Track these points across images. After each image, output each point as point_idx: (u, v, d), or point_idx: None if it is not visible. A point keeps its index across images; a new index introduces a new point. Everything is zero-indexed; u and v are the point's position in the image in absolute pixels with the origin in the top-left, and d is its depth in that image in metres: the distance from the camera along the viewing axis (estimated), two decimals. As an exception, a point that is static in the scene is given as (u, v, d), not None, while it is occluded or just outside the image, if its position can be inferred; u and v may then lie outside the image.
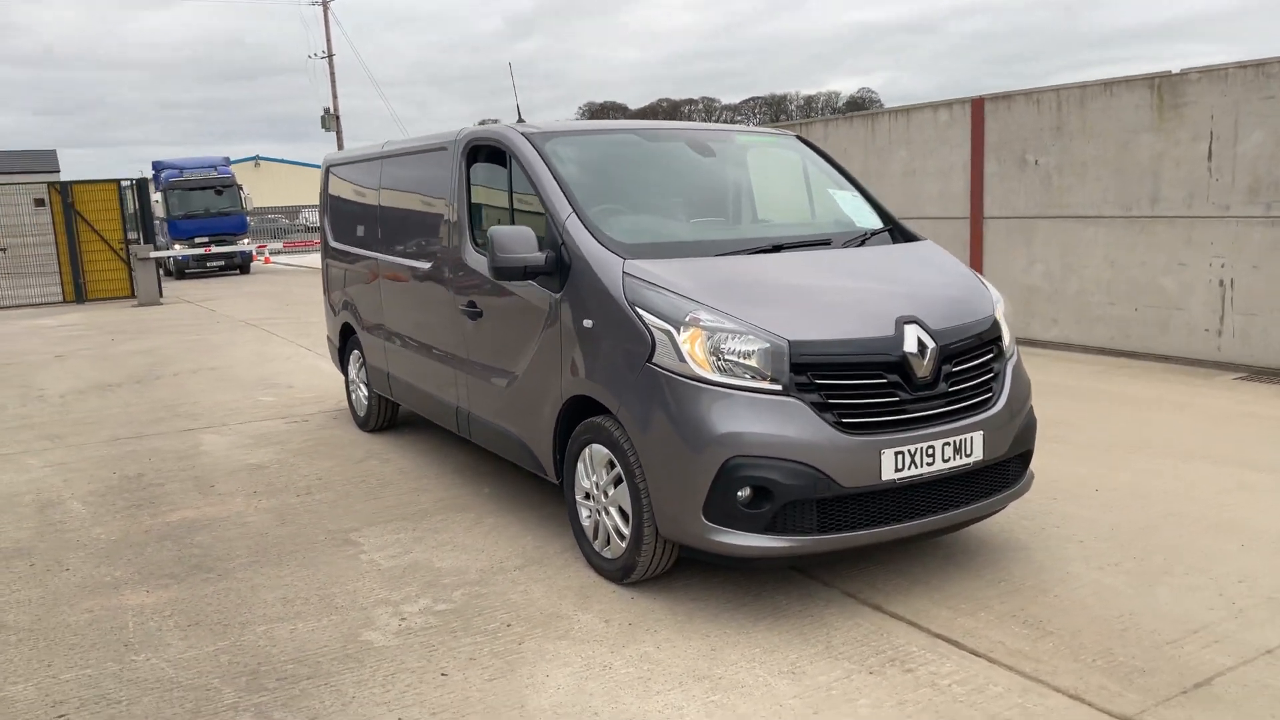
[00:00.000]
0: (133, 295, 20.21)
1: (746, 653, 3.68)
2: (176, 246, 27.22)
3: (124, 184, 21.56)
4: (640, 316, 4.00)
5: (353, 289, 7.29)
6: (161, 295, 20.08)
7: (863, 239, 4.88)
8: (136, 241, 21.04)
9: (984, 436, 4.07)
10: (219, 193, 29.69)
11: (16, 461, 6.97)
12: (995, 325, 4.34)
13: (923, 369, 3.95)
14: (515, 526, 5.17)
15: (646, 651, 3.71)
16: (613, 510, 4.28)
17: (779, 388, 3.79)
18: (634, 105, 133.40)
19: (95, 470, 6.63)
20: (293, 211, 52.45)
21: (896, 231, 5.11)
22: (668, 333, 3.90)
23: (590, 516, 4.46)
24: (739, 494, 3.75)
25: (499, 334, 5.04)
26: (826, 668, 3.54)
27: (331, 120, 46.78)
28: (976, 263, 10.87)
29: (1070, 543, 4.65)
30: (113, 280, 20.86)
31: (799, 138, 5.70)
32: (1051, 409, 7.17)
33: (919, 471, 3.89)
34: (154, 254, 19.63)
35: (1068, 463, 5.92)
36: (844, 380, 3.85)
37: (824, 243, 4.73)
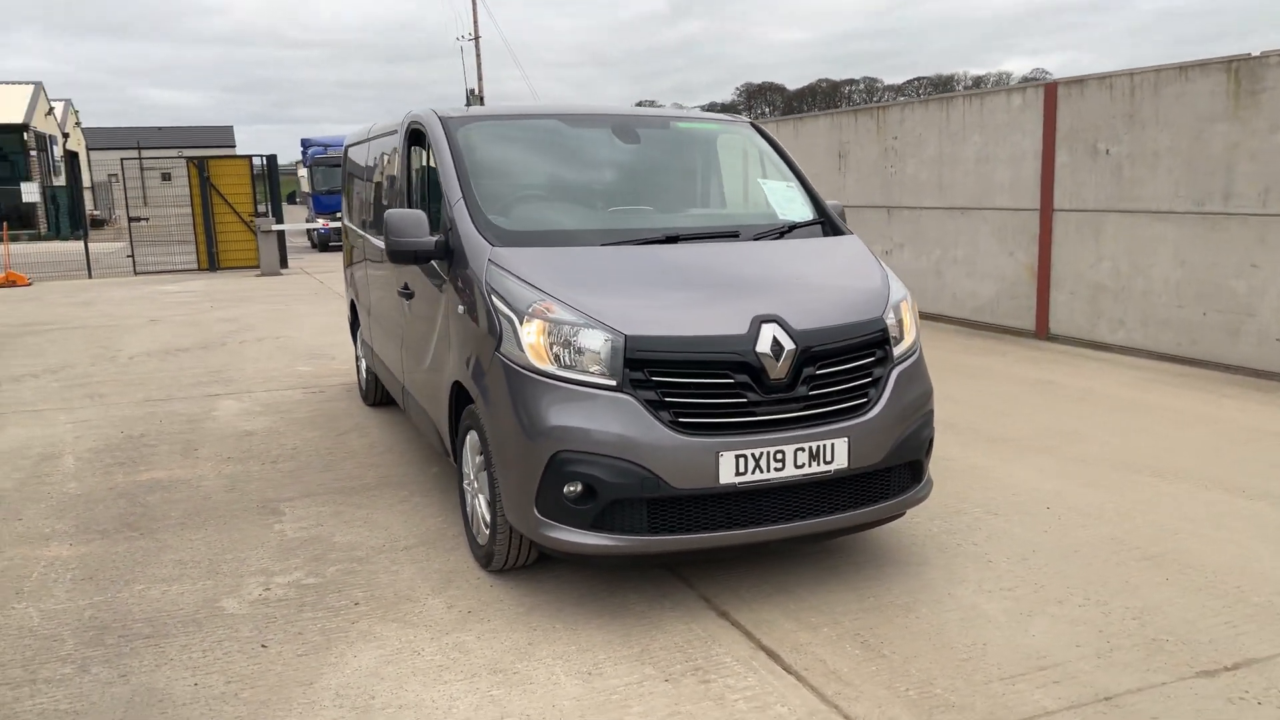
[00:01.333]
0: (258, 265, 21.43)
1: (559, 650, 3.63)
2: (319, 220, 28.67)
3: (255, 160, 22.81)
4: (493, 305, 3.98)
5: (352, 267, 7.54)
6: (284, 266, 21.23)
7: (780, 232, 4.69)
8: (265, 215, 22.26)
9: (850, 444, 3.86)
10: (364, 169, 30.86)
11: (48, 417, 7.55)
12: (881, 328, 4.09)
13: (776, 370, 3.77)
14: (435, 507, 5.24)
15: (464, 641, 3.71)
16: (481, 498, 4.29)
17: (613, 383, 3.70)
18: (792, 86, 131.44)
19: (108, 429, 7.11)
20: None
21: (827, 225, 4.88)
22: (511, 322, 3.87)
23: (470, 502, 4.48)
24: (565, 489, 3.69)
25: (420, 316, 5.11)
26: (626, 671, 3.45)
27: (475, 101, 48.23)
28: (1044, 259, 10.24)
29: (976, 563, 4.36)
30: (243, 251, 22.14)
31: (753, 124, 5.50)
32: (1071, 420, 6.73)
33: (765, 477, 3.73)
34: (275, 227, 20.73)
35: (1042, 476, 5.54)
36: (682, 378, 3.72)
37: (731, 235, 4.57)
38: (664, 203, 4.94)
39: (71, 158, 45.53)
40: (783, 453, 3.75)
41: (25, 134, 38.29)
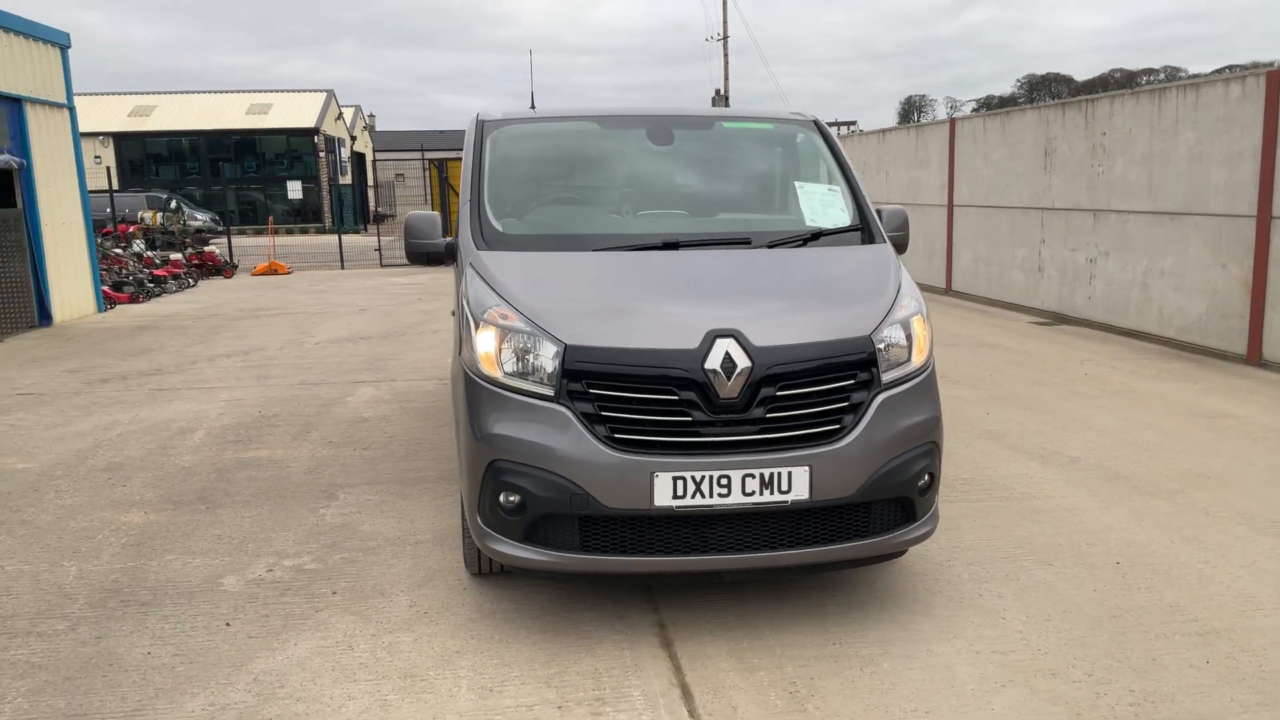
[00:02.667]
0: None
1: (479, 661, 3.58)
2: None
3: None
4: (465, 308, 3.98)
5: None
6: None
7: (803, 240, 4.36)
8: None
9: (812, 473, 3.54)
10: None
11: (213, 395, 8.37)
12: (865, 349, 3.70)
13: (726, 389, 3.52)
14: (471, 504, 5.32)
15: (399, 642, 3.75)
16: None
17: (550, 393, 3.59)
18: (1082, 77, 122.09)
19: (251, 408, 7.79)
20: None
21: (865, 233, 4.50)
22: (469, 327, 3.85)
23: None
24: (501, 499, 3.63)
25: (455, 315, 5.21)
26: (528, 693, 3.35)
27: (721, 101, 48.51)
28: (1260, 272, 8.91)
29: (985, 618, 3.87)
30: (473, 245, 23.54)
31: (815, 123, 5.15)
32: (1222, 461, 5.87)
33: (708, 502, 3.49)
34: (498, 223, 21.87)
35: (1137, 525, 4.87)
36: (621, 392, 3.55)
37: (742, 242, 4.30)
38: (687, 206, 4.73)
39: (358, 159, 50.29)
40: (728, 478, 3.49)
41: (316, 137, 42.66)
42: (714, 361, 3.53)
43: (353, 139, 50.04)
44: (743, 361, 3.54)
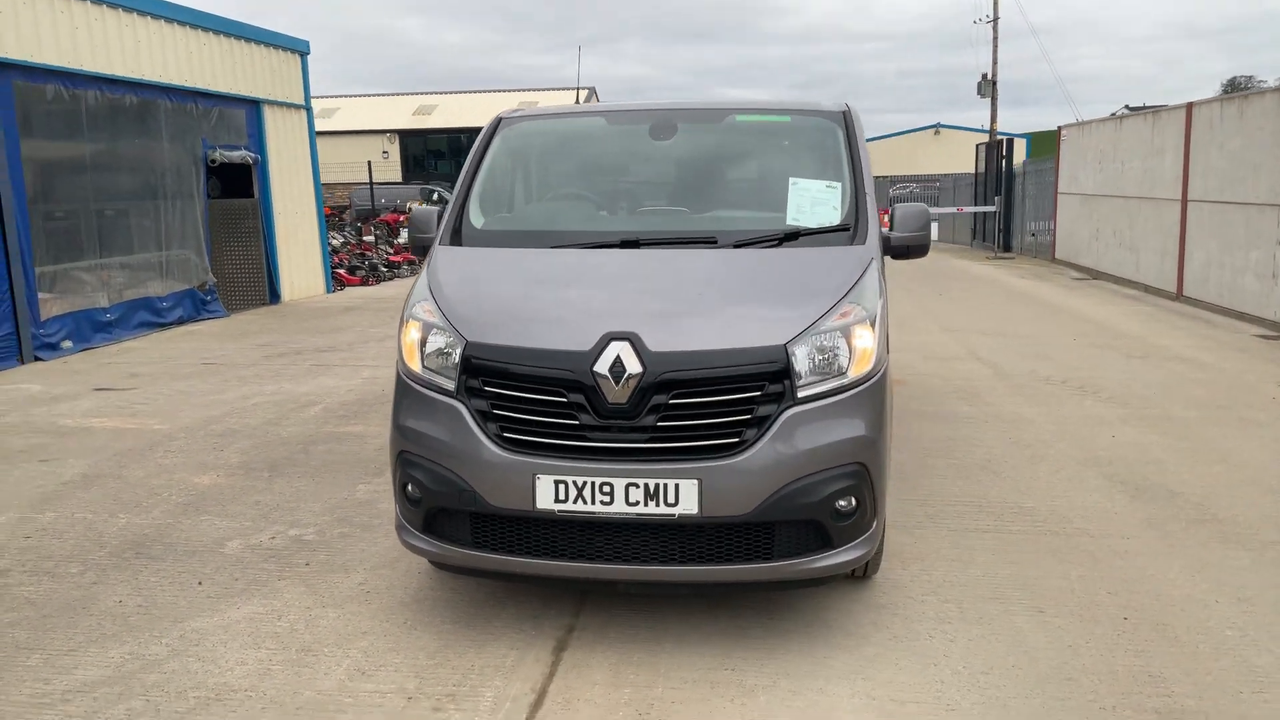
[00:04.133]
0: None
1: (374, 644, 3.70)
2: None
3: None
4: (406, 299, 4.10)
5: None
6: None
7: (778, 239, 4.11)
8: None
9: (702, 487, 3.35)
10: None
11: (356, 371, 9.06)
12: (776, 359, 3.44)
13: (615, 394, 3.40)
14: (492, 491, 5.46)
15: (321, 616, 3.94)
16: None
17: (451, 388, 3.63)
18: None
19: (375, 387, 8.36)
20: (895, 180, 51.71)
21: (852, 235, 4.17)
22: (401, 321, 3.96)
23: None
24: (406, 489, 3.72)
25: None
26: (392, 680, 3.43)
27: (988, 86, 45.69)
28: None
29: (914, 662, 3.51)
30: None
31: (843, 114, 4.79)
32: None
33: (589, 509, 3.41)
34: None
35: (1193, 579, 4.20)
36: (512, 391, 3.53)
37: (708, 241, 4.12)
38: (672, 202, 4.58)
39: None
40: (610, 485, 3.38)
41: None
42: (603, 365, 3.42)
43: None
44: (633, 366, 3.40)
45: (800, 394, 3.45)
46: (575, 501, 3.41)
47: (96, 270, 10.93)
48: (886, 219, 5.08)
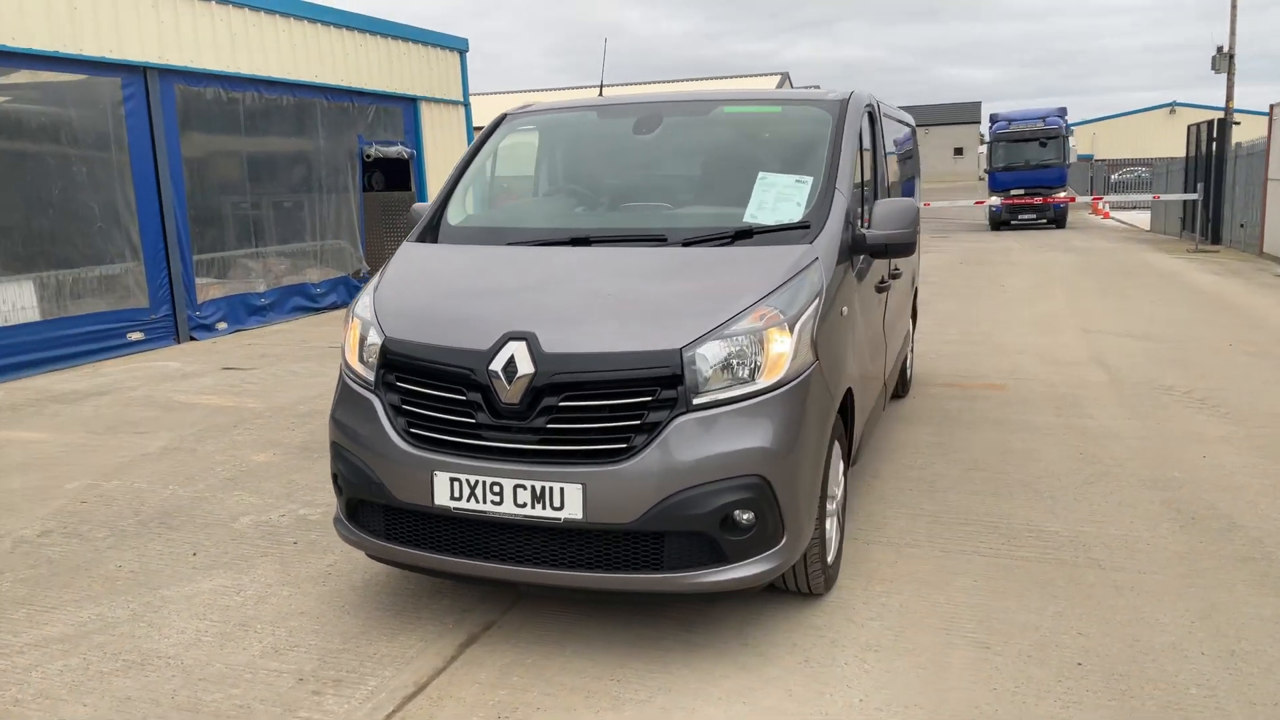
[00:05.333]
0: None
1: (304, 624, 3.87)
2: (993, 198, 28.41)
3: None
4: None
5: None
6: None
7: (730, 238, 3.96)
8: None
9: (586, 492, 3.31)
10: (1042, 144, 29.56)
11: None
12: (668, 364, 3.32)
13: (507, 394, 3.41)
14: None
15: (273, 594, 4.16)
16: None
17: (372, 383, 3.75)
18: None
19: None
20: (1119, 165, 47.67)
21: (808, 229, 3.96)
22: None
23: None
24: (336, 479, 3.87)
25: None
26: (298, 661, 3.58)
27: (1224, 60, 41.51)
28: None
29: (809, 689, 3.32)
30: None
31: (843, 104, 4.53)
32: None
33: (480, 507, 3.43)
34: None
35: (1193, 631, 3.75)
36: (419, 387, 3.59)
37: (658, 239, 4.02)
38: (640, 198, 4.48)
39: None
40: (500, 486, 3.39)
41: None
42: (498, 364, 3.42)
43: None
44: (525, 367, 3.39)
45: (697, 401, 3.32)
46: (468, 500, 3.43)
47: (253, 258, 11.90)
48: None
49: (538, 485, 3.34)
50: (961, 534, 4.64)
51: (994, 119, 31.94)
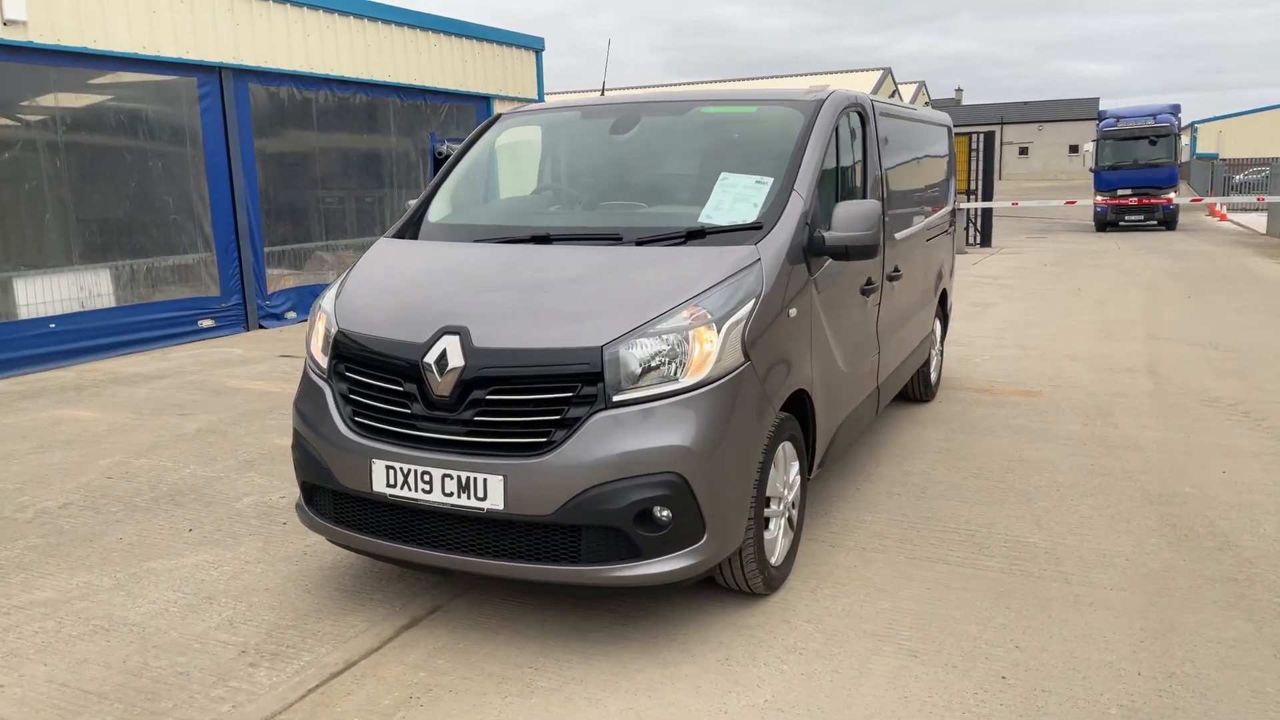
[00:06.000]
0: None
1: (264, 600, 4.06)
2: (1097, 199, 27.42)
3: (973, 136, 22.76)
4: None
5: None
6: (985, 245, 21.20)
7: (683, 237, 3.99)
8: (973, 192, 22.22)
9: (506, 484, 3.41)
10: (1152, 143, 28.38)
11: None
12: (588, 360, 3.39)
13: (439, 386, 3.53)
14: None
15: (247, 571, 4.37)
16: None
17: (325, 373, 3.92)
18: None
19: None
20: (1244, 165, 44.80)
21: (759, 230, 3.97)
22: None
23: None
24: (295, 463, 4.05)
25: None
26: (244, 635, 3.77)
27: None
28: None
29: (716, 685, 3.34)
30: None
31: (819, 104, 4.50)
32: None
33: (413, 495, 3.56)
34: (964, 205, 20.62)
35: (1159, 648, 3.63)
36: (363, 377, 3.75)
37: (613, 238, 4.09)
38: (606, 198, 4.53)
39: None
40: (430, 475, 3.52)
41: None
42: (432, 356, 3.55)
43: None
44: (455, 360, 3.50)
45: (617, 398, 3.38)
46: (402, 487, 3.57)
47: (325, 250, 12.37)
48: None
49: (463, 475, 3.45)
50: (934, 541, 4.56)
51: (1101, 115, 30.74)
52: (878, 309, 5.23)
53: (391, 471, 3.57)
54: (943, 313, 7.50)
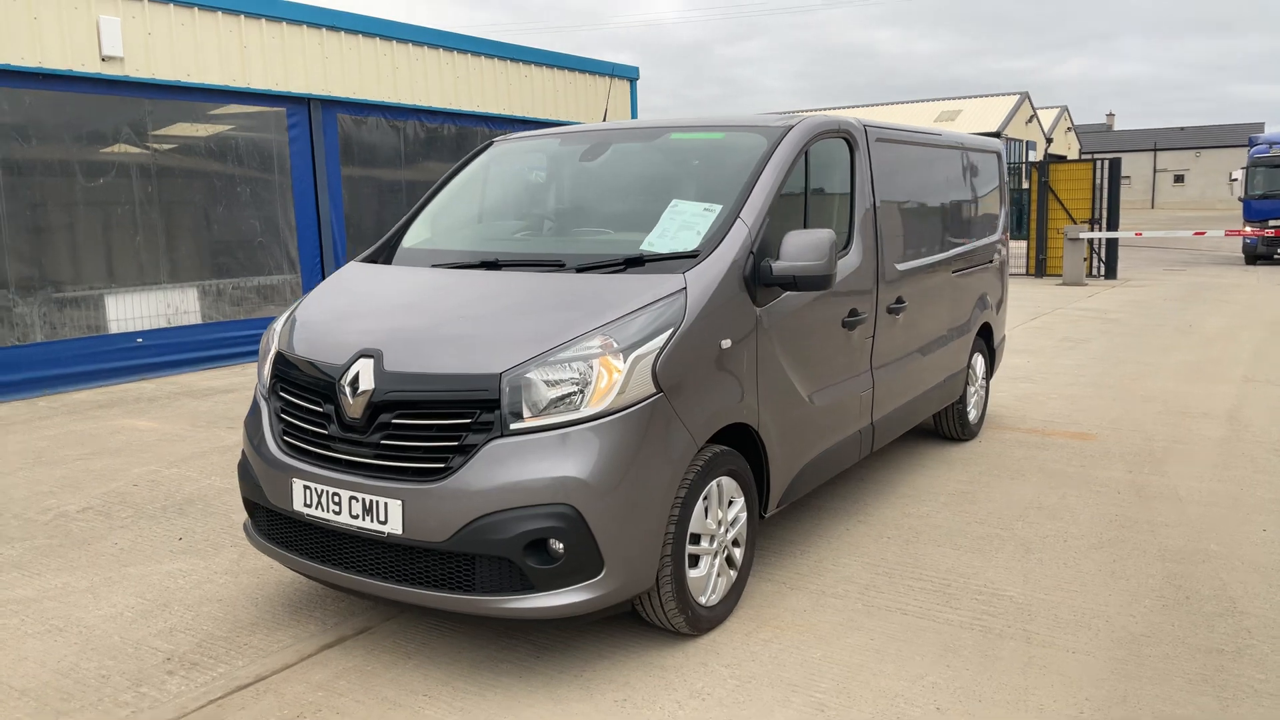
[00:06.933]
0: (1087, 274, 20.45)
1: (215, 611, 4.18)
2: (1247, 229, 25.77)
3: (1098, 163, 21.71)
4: None
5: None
6: (1110, 276, 20.20)
7: (622, 264, 3.94)
8: (1096, 222, 21.16)
9: (405, 509, 3.42)
10: (1307, 171, 26.53)
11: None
12: (487, 388, 3.37)
13: (350, 408, 3.58)
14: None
15: (213, 579, 4.51)
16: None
17: (266, 393, 4.02)
18: None
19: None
20: None
21: (695, 258, 3.88)
22: (279, 329, 4.40)
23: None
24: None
25: None
26: (171, 641, 3.89)
27: None
28: None
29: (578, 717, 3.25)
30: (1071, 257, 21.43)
31: (785, 130, 4.37)
32: None
33: (324, 516, 3.62)
34: (1083, 235, 19.61)
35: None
36: (290, 397, 3.84)
37: (557, 264, 4.06)
38: (569, 223, 4.51)
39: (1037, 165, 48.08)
40: (339, 496, 3.57)
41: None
42: (347, 379, 3.60)
43: (1049, 141, 48.05)
44: (367, 383, 3.54)
45: (514, 426, 3.34)
46: (316, 507, 3.62)
47: (407, 273, 12.76)
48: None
49: (368, 499, 3.47)
50: (902, 589, 4.32)
51: (1252, 141, 28.89)
52: (870, 341, 5.01)
53: (308, 491, 3.63)
54: (987, 347, 7.13)
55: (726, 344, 3.81)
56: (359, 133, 12.01)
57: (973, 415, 6.89)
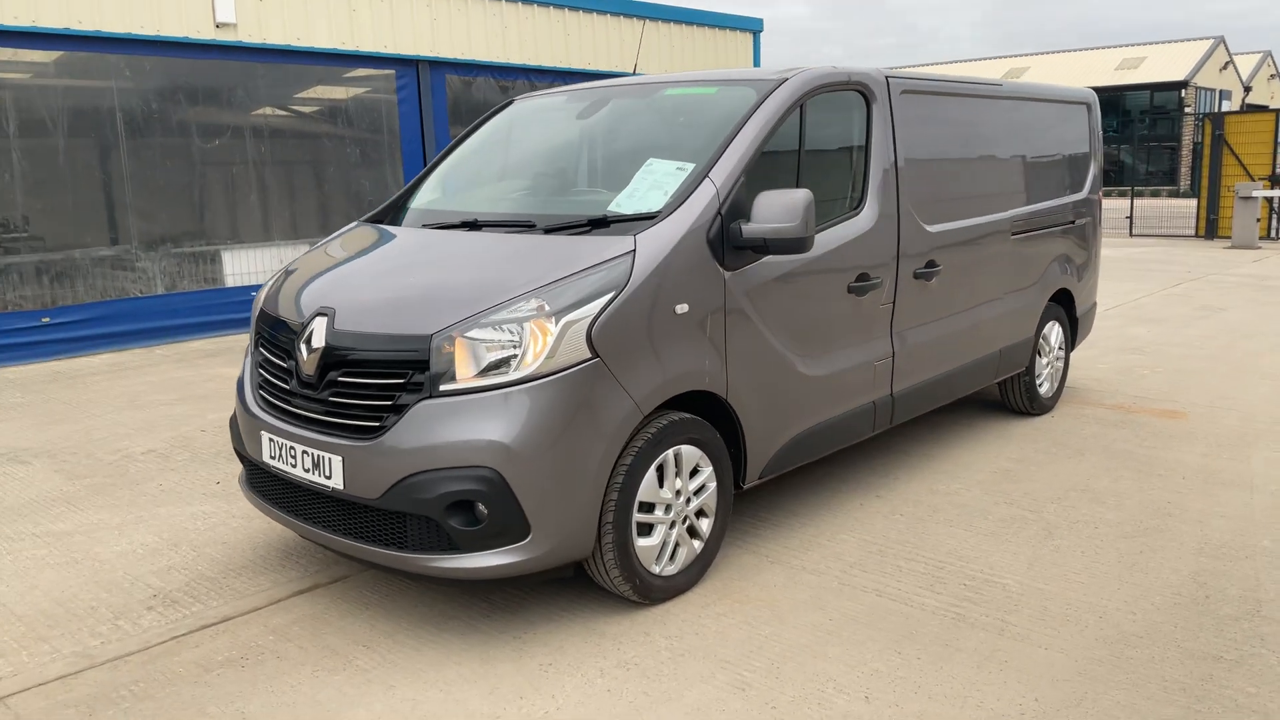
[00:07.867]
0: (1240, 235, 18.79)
1: (209, 554, 4.41)
2: None
3: (1283, 115, 19.71)
4: None
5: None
6: (1274, 239, 18.39)
7: (587, 225, 3.87)
8: (1276, 180, 19.25)
9: (344, 465, 3.51)
10: None
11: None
12: (419, 348, 3.39)
13: (305, 365, 3.69)
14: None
15: (218, 525, 4.76)
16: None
17: (252, 346, 4.19)
18: None
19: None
20: None
21: (655, 218, 3.77)
22: (277, 284, 4.55)
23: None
24: (237, 429, 4.37)
25: None
26: (167, 580, 4.14)
27: None
28: None
29: (504, 689, 3.26)
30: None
31: (779, 82, 4.15)
32: None
33: (285, 468, 3.76)
34: (1257, 193, 17.87)
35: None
36: (264, 352, 3.98)
37: (528, 225, 4.03)
38: (557, 183, 4.43)
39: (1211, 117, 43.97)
40: (294, 450, 3.69)
41: (1183, 91, 38.83)
42: (304, 337, 3.70)
43: (1246, 90, 43.94)
44: (319, 341, 3.63)
45: (443, 387, 3.36)
46: (278, 460, 3.76)
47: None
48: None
49: (316, 453, 3.57)
50: (887, 570, 4.11)
51: None
52: (890, 308, 4.74)
53: (272, 443, 3.77)
54: (1067, 315, 6.62)
55: (683, 309, 3.69)
56: (467, 93, 12.23)
57: (1044, 389, 6.43)
